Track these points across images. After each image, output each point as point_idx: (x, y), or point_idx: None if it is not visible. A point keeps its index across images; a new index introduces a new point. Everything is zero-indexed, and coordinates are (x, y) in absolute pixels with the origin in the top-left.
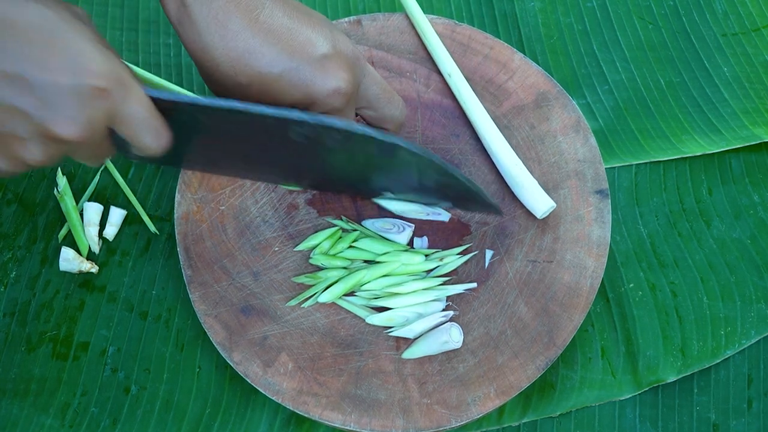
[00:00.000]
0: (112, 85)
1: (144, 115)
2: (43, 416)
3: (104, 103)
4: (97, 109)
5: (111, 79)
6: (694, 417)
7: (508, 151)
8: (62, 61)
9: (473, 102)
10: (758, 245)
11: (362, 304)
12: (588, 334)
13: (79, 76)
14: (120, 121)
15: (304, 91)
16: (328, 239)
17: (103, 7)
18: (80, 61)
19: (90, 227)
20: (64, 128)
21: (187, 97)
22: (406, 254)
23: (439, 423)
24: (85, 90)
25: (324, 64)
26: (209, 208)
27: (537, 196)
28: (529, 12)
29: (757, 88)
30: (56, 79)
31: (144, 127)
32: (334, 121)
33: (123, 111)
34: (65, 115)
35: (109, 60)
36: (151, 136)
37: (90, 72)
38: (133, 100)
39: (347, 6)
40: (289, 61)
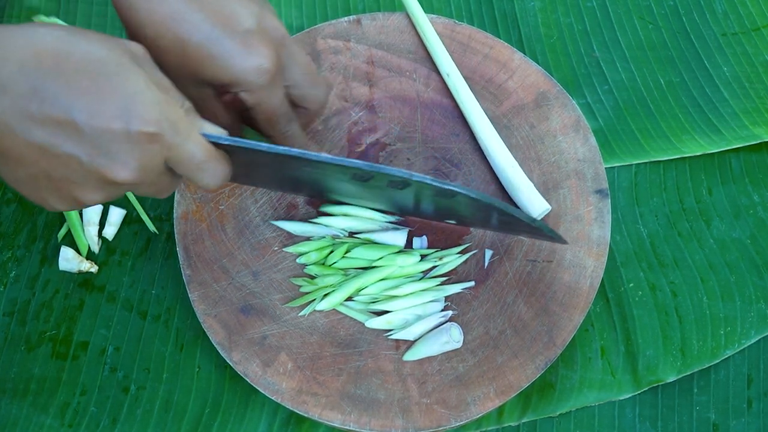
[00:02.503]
0: (165, 131)
1: (201, 158)
2: (42, 416)
3: (157, 148)
4: (151, 153)
5: (163, 125)
6: (693, 417)
7: (504, 152)
8: (113, 106)
9: (471, 102)
10: (758, 245)
11: (361, 309)
12: (588, 333)
13: (130, 122)
14: (176, 163)
15: (224, 64)
16: (317, 251)
17: (103, 7)
18: (131, 106)
19: (89, 227)
20: (118, 173)
21: (247, 142)
22: (401, 256)
23: (438, 423)
24: (136, 136)
25: (246, 39)
26: (209, 207)
27: (532, 198)
28: (529, 12)
29: (757, 88)
30: (107, 124)
31: (200, 169)
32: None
33: (178, 154)
34: (118, 160)
35: (162, 103)
36: (208, 177)
37: (141, 118)
38: (188, 144)
39: (347, 6)
40: (210, 31)
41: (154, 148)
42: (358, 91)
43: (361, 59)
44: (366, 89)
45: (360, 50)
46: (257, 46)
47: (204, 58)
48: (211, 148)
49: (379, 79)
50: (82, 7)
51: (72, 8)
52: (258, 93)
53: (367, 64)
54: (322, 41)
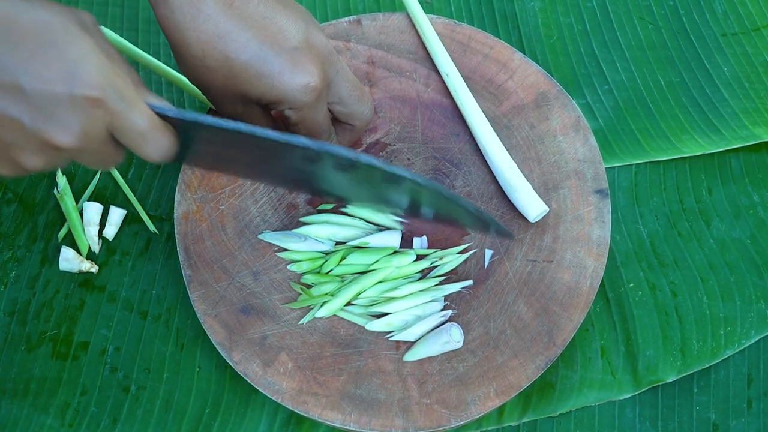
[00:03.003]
0: (109, 96)
1: (145, 128)
2: (43, 416)
3: (100, 113)
4: (93, 118)
5: (107, 90)
6: (693, 417)
7: (503, 152)
8: (57, 70)
9: (470, 103)
10: (758, 245)
11: (360, 313)
12: (588, 333)
13: (73, 86)
14: (119, 131)
15: (272, 83)
16: (309, 261)
17: (103, 7)
18: (75, 70)
19: (90, 227)
20: (60, 137)
21: (192, 114)
22: (397, 257)
23: (438, 423)
24: (79, 100)
25: (294, 57)
26: (209, 207)
27: (530, 199)
28: (529, 12)
29: (757, 88)
30: (51, 88)
31: (145, 138)
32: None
33: (122, 122)
34: (60, 124)
35: (107, 70)
36: (153, 148)
37: (84, 82)
38: (132, 113)
39: (347, 6)
40: (258, 50)
41: (97, 114)
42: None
43: (361, 59)
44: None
45: (360, 50)
46: (304, 64)
47: (251, 77)
48: (155, 118)
49: (379, 79)
50: (82, 7)
51: None
52: (303, 110)
53: (367, 64)
54: None
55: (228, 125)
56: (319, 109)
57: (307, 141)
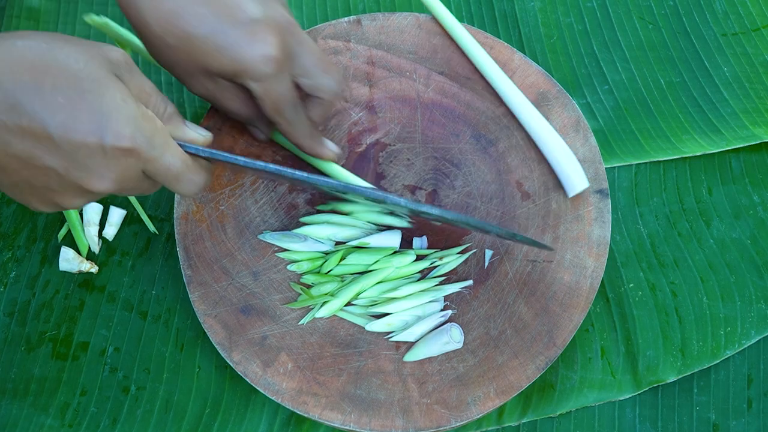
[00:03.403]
0: (140, 145)
1: (178, 170)
2: (42, 416)
3: (133, 161)
4: (127, 166)
5: (138, 139)
6: (694, 417)
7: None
8: (87, 121)
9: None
10: (758, 245)
11: (360, 313)
12: (588, 334)
13: (104, 137)
14: (154, 174)
15: (231, 55)
16: (309, 261)
17: (103, 7)
18: (105, 122)
19: (90, 227)
20: (96, 185)
21: (224, 155)
22: (397, 257)
23: (438, 423)
24: (111, 150)
25: (252, 29)
26: (209, 207)
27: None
28: (529, 12)
29: (757, 88)
30: (81, 140)
31: (178, 179)
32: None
33: (156, 167)
34: (95, 173)
35: (137, 118)
36: (186, 187)
37: (115, 133)
38: (165, 156)
39: (347, 6)
40: (216, 23)
41: (130, 162)
42: (358, 91)
43: (361, 59)
44: (366, 89)
45: (360, 50)
46: (262, 35)
47: (210, 50)
48: (188, 160)
49: (379, 80)
50: (82, 6)
51: (72, 8)
52: (265, 82)
53: (367, 64)
54: (322, 41)
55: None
56: (282, 81)
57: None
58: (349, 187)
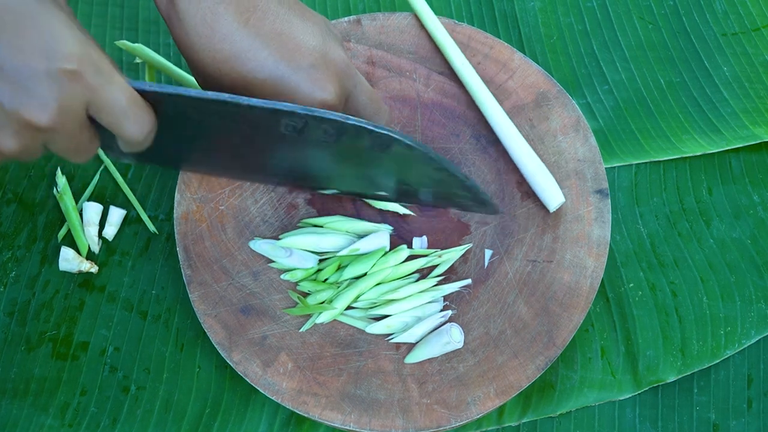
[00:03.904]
0: (87, 69)
1: (124, 102)
2: (42, 416)
3: (78, 88)
4: (71, 93)
5: (85, 63)
6: (694, 417)
7: (524, 143)
8: (35, 44)
9: (485, 94)
10: (758, 245)
11: (360, 316)
12: (588, 334)
13: (52, 59)
14: (98, 107)
15: (289, 101)
16: (302, 270)
17: (103, 7)
18: (53, 44)
19: (89, 227)
20: (37, 113)
21: (174, 88)
22: (391, 256)
23: (438, 423)
24: (57, 73)
25: (312, 75)
26: (209, 207)
27: (552, 190)
28: (529, 12)
29: (757, 88)
30: (28, 62)
31: (124, 114)
32: (326, 113)
33: (100, 97)
34: (37, 99)
35: (83, 44)
36: (132, 124)
37: (63, 55)
38: (111, 87)
39: (347, 6)
40: (275, 68)
41: (75, 88)
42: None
43: (361, 59)
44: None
45: (360, 50)
46: (322, 81)
47: (268, 95)
48: (134, 93)
49: (379, 79)
50: (82, 7)
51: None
52: None
53: (367, 64)
54: None
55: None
56: None
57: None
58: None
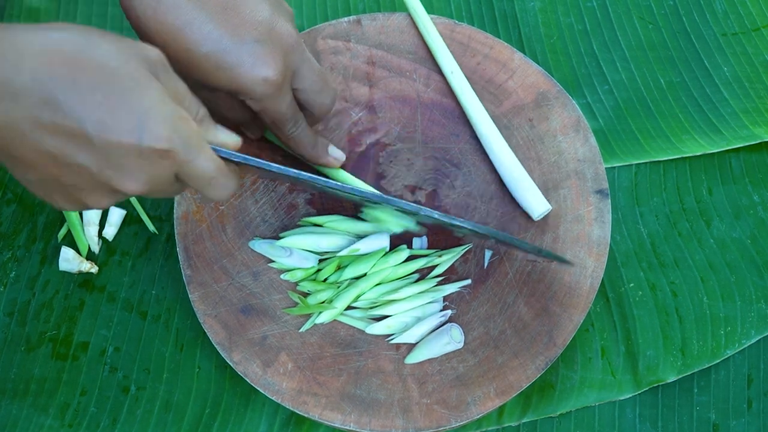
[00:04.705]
0: (177, 147)
1: (211, 174)
2: (42, 416)
3: (168, 163)
4: (161, 168)
5: (174, 141)
6: (694, 417)
7: (507, 151)
8: (125, 120)
9: (473, 102)
10: (758, 245)
11: (360, 317)
12: (588, 334)
13: (142, 138)
14: (186, 178)
15: (231, 75)
16: (302, 270)
17: (103, 7)
18: (143, 121)
19: (89, 227)
20: (128, 185)
21: (258, 162)
22: (391, 256)
23: (438, 423)
24: (147, 151)
25: (255, 50)
26: (209, 208)
27: (534, 198)
28: (529, 12)
29: (757, 88)
30: (117, 139)
31: (210, 183)
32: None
33: (189, 170)
34: (128, 173)
35: (174, 119)
36: (217, 191)
37: (153, 134)
38: (199, 160)
39: (347, 6)
40: (219, 42)
41: (165, 164)
42: (358, 91)
43: (361, 59)
44: (366, 89)
45: (360, 50)
46: (265, 57)
47: (211, 68)
48: (221, 164)
49: (379, 80)
50: (82, 7)
51: (72, 8)
52: (263, 101)
53: (367, 64)
54: (322, 41)
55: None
56: (281, 100)
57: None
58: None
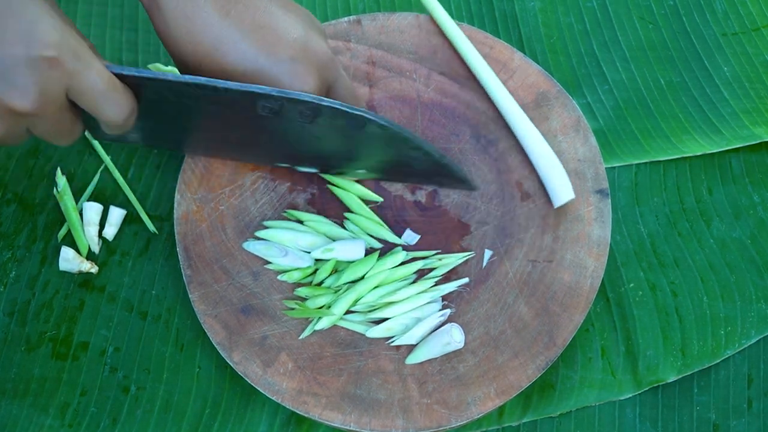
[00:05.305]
0: (65, 56)
1: (102, 86)
2: (42, 416)
3: (57, 74)
4: (51, 79)
5: (64, 50)
6: (694, 417)
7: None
8: (14, 32)
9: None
10: (758, 245)
11: (360, 320)
12: (588, 333)
13: (31, 47)
14: (77, 92)
15: None
16: (299, 270)
17: (103, 8)
18: (32, 32)
19: (89, 227)
20: (17, 99)
21: (152, 72)
22: (388, 258)
23: (439, 423)
24: (36, 61)
25: (291, 67)
26: (209, 208)
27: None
28: (529, 12)
29: (757, 88)
30: (7, 50)
31: (103, 97)
32: (300, 95)
33: (80, 82)
34: (18, 86)
35: (62, 31)
36: (111, 107)
37: (42, 43)
38: (90, 72)
39: (347, 6)
40: (255, 61)
41: (55, 74)
42: (358, 91)
43: (361, 59)
44: (366, 89)
45: (360, 50)
46: (301, 74)
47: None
48: (113, 78)
49: (379, 79)
50: (82, 7)
51: (72, 8)
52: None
53: (367, 64)
54: None
55: (187, 78)
56: None
57: (267, 88)
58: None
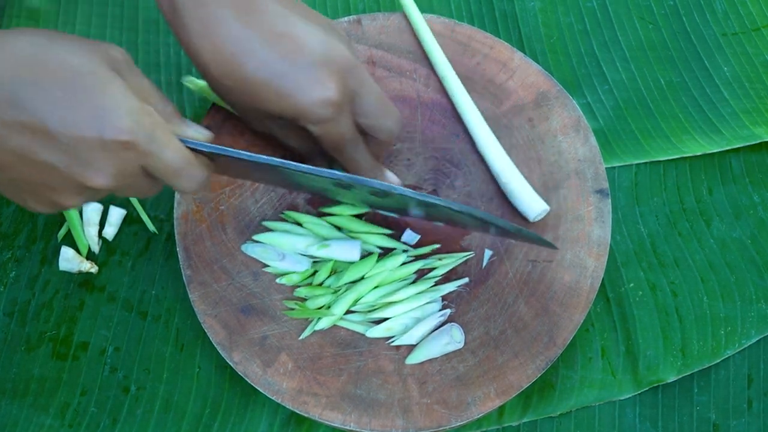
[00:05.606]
0: (140, 139)
1: (178, 165)
2: (42, 416)
3: (133, 155)
4: (126, 160)
5: (138, 133)
6: (694, 417)
7: (501, 154)
8: (86, 115)
9: (467, 103)
10: (758, 245)
11: (360, 320)
12: (588, 334)
13: (103, 131)
14: (153, 170)
15: (290, 100)
16: (297, 273)
17: (103, 7)
18: (104, 115)
19: (89, 227)
20: (95, 180)
21: (227, 150)
22: (389, 259)
23: (439, 423)
24: (110, 144)
25: (312, 73)
26: (209, 207)
27: (529, 199)
28: (529, 12)
29: (757, 88)
30: (80, 134)
31: (178, 174)
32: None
33: (155, 162)
34: (94, 168)
35: (137, 112)
36: (187, 182)
37: (114, 127)
38: (166, 152)
39: (347, 6)
40: (276, 67)
41: (129, 156)
42: None
43: (362, 59)
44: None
45: (360, 50)
46: (322, 80)
47: (270, 94)
48: (189, 155)
49: (379, 79)
50: (82, 7)
51: (72, 8)
52: (324, 125)
53: (367, 64)
54: None
55: (262, 159)
56: (341, 123)
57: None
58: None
